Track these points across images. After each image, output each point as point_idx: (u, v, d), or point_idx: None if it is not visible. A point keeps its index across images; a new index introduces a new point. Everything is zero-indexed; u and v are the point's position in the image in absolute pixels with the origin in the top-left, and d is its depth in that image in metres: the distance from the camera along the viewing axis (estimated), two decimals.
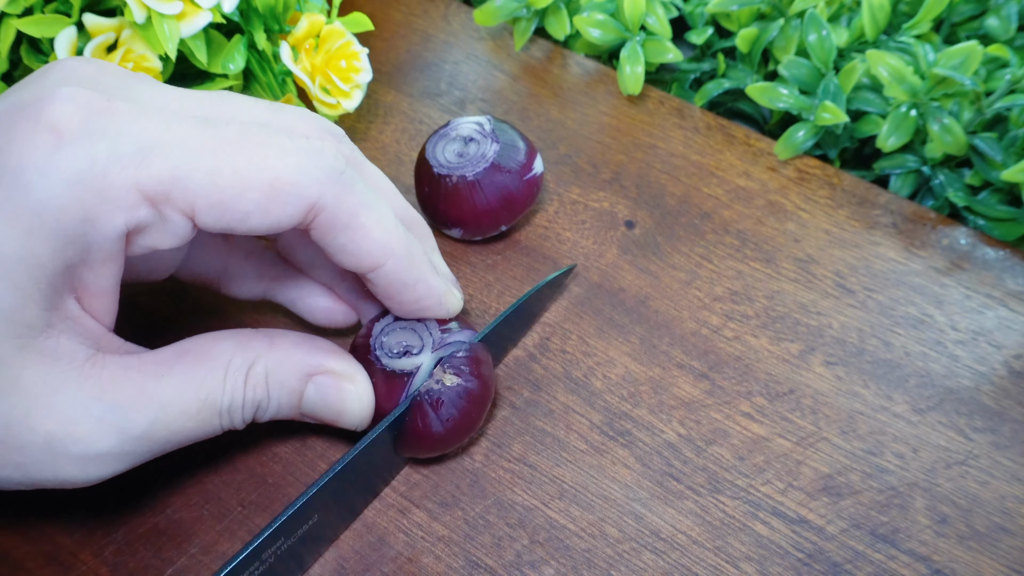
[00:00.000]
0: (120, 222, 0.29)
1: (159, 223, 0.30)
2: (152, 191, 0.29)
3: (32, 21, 0.38)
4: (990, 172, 0.46)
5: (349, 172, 0.32)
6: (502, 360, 0.41)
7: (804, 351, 0.42)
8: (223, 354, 0.33)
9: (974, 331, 0.42)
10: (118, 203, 0.29)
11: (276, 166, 0.30)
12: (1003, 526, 0.37)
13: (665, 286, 0.44)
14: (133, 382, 0.31)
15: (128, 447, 0.31)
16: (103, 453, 0.30)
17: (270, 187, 0.30)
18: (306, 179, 0.31)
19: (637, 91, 0.51)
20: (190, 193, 0.29)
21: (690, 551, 0.36)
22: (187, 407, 0.32)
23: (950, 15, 0.53)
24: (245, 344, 0.34)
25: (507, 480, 0.38)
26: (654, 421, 0.40)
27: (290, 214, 0.31)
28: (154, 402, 0.31)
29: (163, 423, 0.31)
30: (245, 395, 0.33)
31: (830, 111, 0.47)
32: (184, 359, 0.33)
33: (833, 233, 0.46)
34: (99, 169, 0.28)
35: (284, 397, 0.34)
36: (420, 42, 0.56)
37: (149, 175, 0.29)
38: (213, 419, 0.33)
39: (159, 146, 0.29)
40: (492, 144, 0.43)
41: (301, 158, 0.31)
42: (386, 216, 0.33)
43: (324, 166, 0.31)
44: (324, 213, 0.32)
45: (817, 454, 0.39)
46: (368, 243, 0.33)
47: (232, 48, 0.42)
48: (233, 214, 0.30)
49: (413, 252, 0.34)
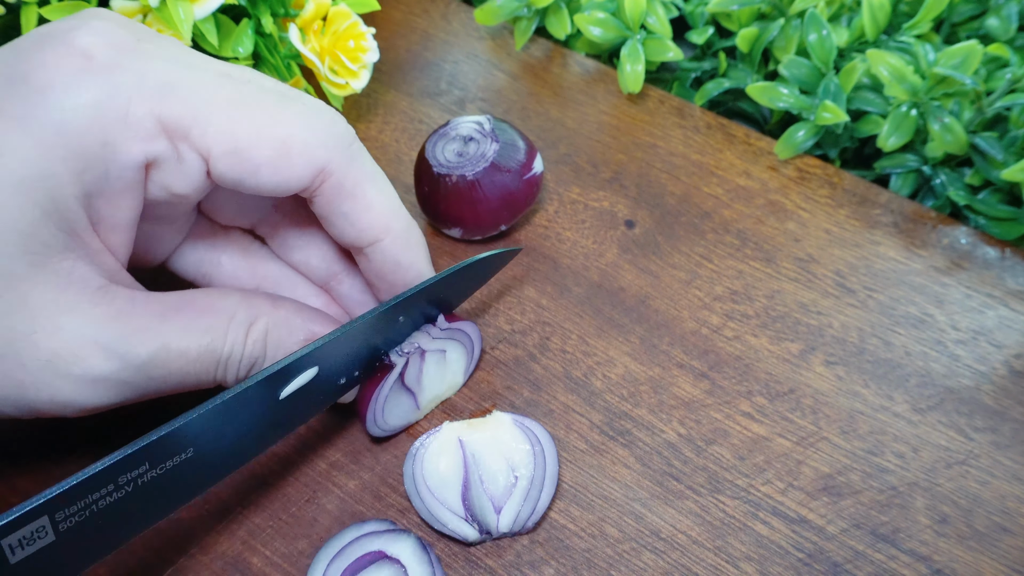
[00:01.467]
0: (139, 151, 0.30)
1: (175, 161, 0.31)
2: (172, 124, 0.30)
3: (54, 8, 0.39)
4: (990, 171, 0.46)
5: (358, 145, 0.34)
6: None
7: (804, 351, 0.42)
8: (228, 307, 0.34)
9: (975, 330, 0.42)
10: (138, 131, 0.30)
11: (291, 124, 0.32)
12: (1003, 526, 0.36)
13: (665, 286, 0.44)
14: (140, 315, 0.32)
15: (126, 375, 0.31)
16: (102, 377, 0.31)
17: (283, 144, 0.31)
18: (317, 141, 0.32)
19: (637, 89, 0.51)
20: (208, 136, 0.31)
21: (690, 551, 0.36)
22: (188, 350, 0.32)
23: (950, 15, 0.53)
24: (250, 301, 0.35)
25: None
26: (654, 421, 0.40)
27: (299, 175, 0.32)
28: (158, 338, 0.32)
29: (162, 360, 0.32)
30: (245, 349, 0.34)
31: (830, 111, 0.47)
32: (192, 306, 0.33)
33: (833, 232, 0.46)
34: (123, 97, 0.29)
35: (279, 357, 0.35)
36: (420, 41, 0.56)
37: (171, 109, 0.30)
38: (211, 367, 0.33)
39: (183, 86, 0.31)
40: (492, 143, 0.43)
41: (314, 122, 0.32)
42: (389, 192, 0.35)
43: (335, 133, 0.33)
44: (332, 179, 0.33)
45: (817, 454, 0.39)
46: (370, 215, 0.34)
47: (241, 32, 0.43)
48: (245, 164, 0.31)
49: (412, 233, 0.35)
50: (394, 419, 0.38)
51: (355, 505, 0.37)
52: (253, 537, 0.36)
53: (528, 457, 0.37)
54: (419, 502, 0.36)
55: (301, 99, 0.34)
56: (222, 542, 0.36)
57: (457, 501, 0.35)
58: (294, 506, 0.37)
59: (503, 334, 0.42)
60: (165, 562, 0.36)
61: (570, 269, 0.45)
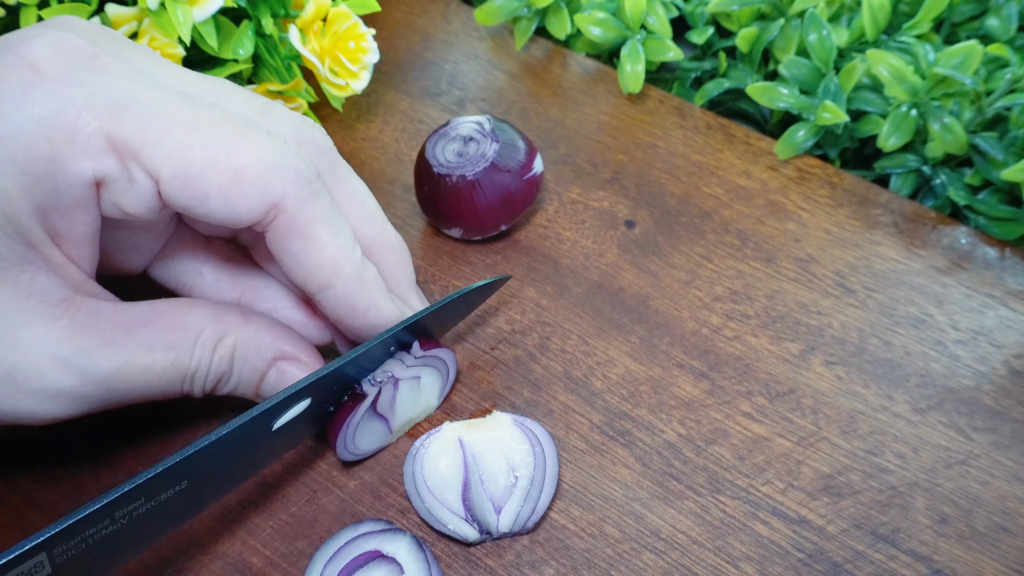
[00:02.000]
0: (87, 168, 0.29)
1: (125, 180, 0.30)
2: (121, 144, 0.29)
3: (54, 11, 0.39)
4: (991, 171, 0.46)
5: (317, 184, 0.32)
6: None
7: (804, 351, 0.42)
8: (196, 323, 0.33)
9: (975, 331, 0.42)
10: (86, 148, 0.29)
11: (248, 154, 0.31)
12: (1003, 526, 0.36)
13: (665, 286, 0.44)
14: (104, 330, 0.31)
15: (88, 390, 0.31)
16: (63, 391, 0.30)
17: (235, 174, 0.30)
18: (272, 176, 0.31)
19: (637, 89, 0.51)
20: (157, 157, 0.30)
21: (690, 551, 0.36)
22: (153, 364, 0.32)
23: (950, 15, 0.53)
24: (220, 317, 0.34)
25: None
26: (654, 421, 0.40)
27: (250, 208, 0.31)
28: (121, 353, 0.31)
29: (126, 375, 0.31)
30: (211, 365, 0.34)
31: (830, 111, 0.47)
32: (158, 320, 0.33)
33: (833, 232, 0.46)
34: (72, 113, 0.29)
35: (246, 375, 0.35)
36: (420, 41, 0.56)
37: (121, 129, 0.29)
38: (176, 382, 0.33)
39: (136, 104, 0.29)
40: (492, 143, 0.43)
41: (273, 155, 0.31)
42: (343, 235, 0.33)
43: (294, 168, 0.32)
44: (283, 216, 0.32)
45: (817, 454, 0.39)
46: (319, 258, 0.33)
47: (241, 34, 0.43)
48: (194, 191, 0.30)
49: (365, 277, 0.34)
50: (365, 444, 0.37)
51: (355, 505, 0.37)
52: (253, 537, 0.36)
53: (528, 457, 0.37)
54: (419, 502, 0.36)
55: (267, 128, 0.32)
56: (222, 542, 0.36)
57: (457, 501, 0.35)
58: (294, 506, 0.37)
59: (503, 334, 0.42)
60: (165, 562, 0.36)
61: (570, 269, 0.45)
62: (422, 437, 0.37)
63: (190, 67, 0.43)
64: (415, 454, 0.36)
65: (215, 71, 0.43)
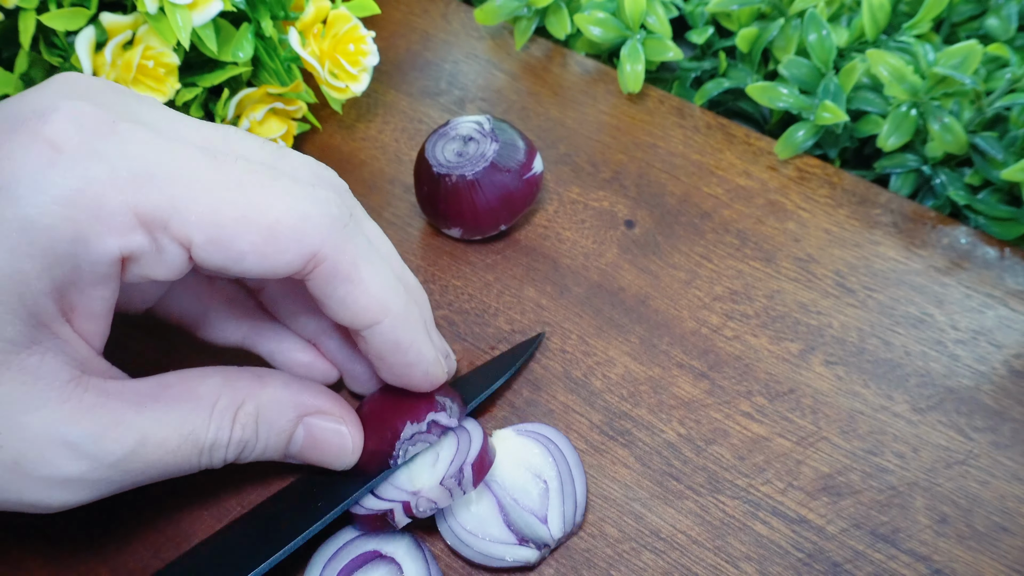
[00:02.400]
0: (113, 245, 0.28)
1: (154, 252, 0.29)
2: (149, 217, 0.28)
3: (54, 15, 0.39)
4: (990, 171, 0.46)
5: (353, 225, 0.31)
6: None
7: (804, 350, 0.42)
8: (210, 392, 0.32)
9: (974, 330, 0.42)
10: (112, 225, 0.28)
11: (279, 209, 0.29)
12: (1003, 526, 0.36)
13: (665, 286, 0.44)
14: (113, 410, 0.30)
15: (99, 475, 0.30)
16: (71, 478, 0.29)
17: (270, 230, 0.29)
18: (309, 226, 0.30)
19: (637, 89, 0.51)
20: (188, 225, 0.29)
21: (690, 551, 0.36)
22: (167, 441, 0.31)
23: (950, 15, 0.53)
24: (233, 383, 0.33)
25: None
26: (654, 421, 0.40)
27: (289, 261, 0.30)
28: (132, 433, 0.30)
29: (139, 455, 0.30)
30: (232, 435, 0.32)
31: (830, 111, 0.47)
32: (168, 392, 0.32)
33: (833, 232, 0.46)
34: (95, 189, 0.27)
35: (273, 438, 0.34)
36: (420, 41, 0.56)
37: (147, 200, 0.28)
38: (193, 456, 0.32)
39: (161, 173, 0.28)
40: (491, 143, 0.43)
41: (306, 204, 0.30)
42: (386, 272, 0.33)
43: (328, 214, 0.30)
44: (325, 263, 0.31)
45: (817, 454, 0.39)
46: (367, 298, 0.32)
47: (240, 36, 0.42)
48: (229, 252, 0.29)
49: (411, 313, 0.33)
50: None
51: None
52: None
53: (547, 459, 0.36)
54: (469, 551, 0.35)
55: (292, 174, 0.32)
56: None
57: (503, 530, 0.35)
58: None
59: (503, 334, 0.42)
60: (165, 562, 0.36)
61: (570, 269, 0.45)
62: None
63: (188, 71, 0.43)
64: (443, 509, 0.35)
65: (215, 74, 0.43)
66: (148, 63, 0.40)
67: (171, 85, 0.41)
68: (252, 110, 0.44)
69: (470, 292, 0.44)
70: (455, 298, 0.44)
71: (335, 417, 0.35)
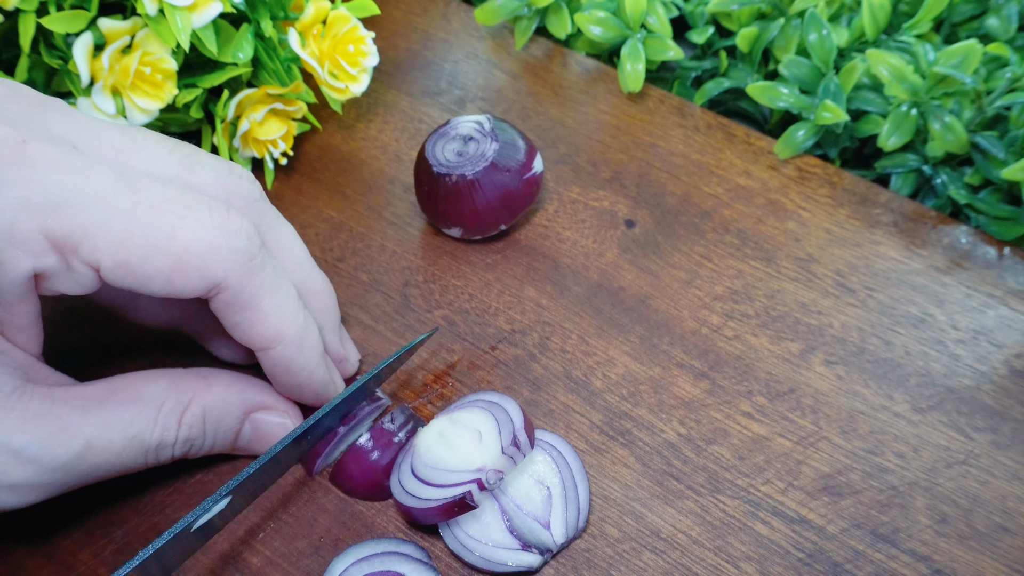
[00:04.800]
0: (27, 266, 0.29)
1: (65, 271, 0.30)
2: (60, 241, 0.29)
3: (54, 18, 0.39)
4: (991, 170, 0.46)
5: (261, 257, 0.32)
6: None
7: (804, 350, 0.42)
8: (156, 395, 0.34)
9: (975, 330, 0.42)
10: (25, 248, 0.29)
11: (187, 239, 0.30)
12: (1004, 525, 0.36)
13: (665, 285, 0.44)
14: (58, 416, 0.31)
15: (45, 478, 0.31)
16: (17, 483, 0.30)
17: (177, 259, 0.30)
18: (214, 258, 0.31)
19: (638, 88, 0.51)
20: (97, 251, 0.29)
21: (690, 551, 0.36)
22: (111, 444, 0.32)
23: (950, 15, 0.53)
24: (180, 385, 0.34)
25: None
26: (654, 420, 0.39)
27: (193, 287, 0.31)
28: (77, 438, 0.31)
29: (85, 458, 0.31)
30: (178, 434, 0.34)
31: (830, 110, 0.47)
32: (114, 397, 0.33)
33: (834, 232, 0.46)
34: (8, 216, 0.28)
35: (220, 435, 0.35)
36: (420, 41, 0.56)
37: (59, 225, 0.29)
38: (139, 456, 0.33)
39: (73, 198, 0.29)
40: (492, 143, 0.43)
41: (215, 235, 0.31)
42: (286, 302, 0.34)
43: (236, 248, 0.31)
44: (226, 292, 0.32)
45: (817, 454, 0.39)
46: (262, 326, 0.33)
47: (240, 37, 0.42)
48: (136, 276, 0.30)
49: (305, 340, 0.35)
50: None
51: (355, 505, 0.37)
52: (253, 537, 0.36)
53: (550, 465, 0.37)
54: (472, 556, 0.35)
55: (204, 187, 0.32)
56: (222, 542, 0.36)
57: (506, 536, 0.35)
58: (294, 506, 0.37)
59: (503, 334, 0.42)
60: None
61: (570, 269, 0.45)
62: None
63: (188, 72, 0.43)
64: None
65: (215, 75, 0.43)
66: (146, 69, 0.40)
67: (168, 90, 0.41)
68: (252, 110, 0.44)
69: (470, 292, 0.44)
70: (455, 298, 0.44)
71: (280, 412, 0.37)
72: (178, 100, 0.42)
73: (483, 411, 0.37)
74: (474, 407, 0.37)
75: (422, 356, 0.42)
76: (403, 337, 0.42)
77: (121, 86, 0.40)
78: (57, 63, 0.41)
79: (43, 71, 0.42)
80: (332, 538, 0.36)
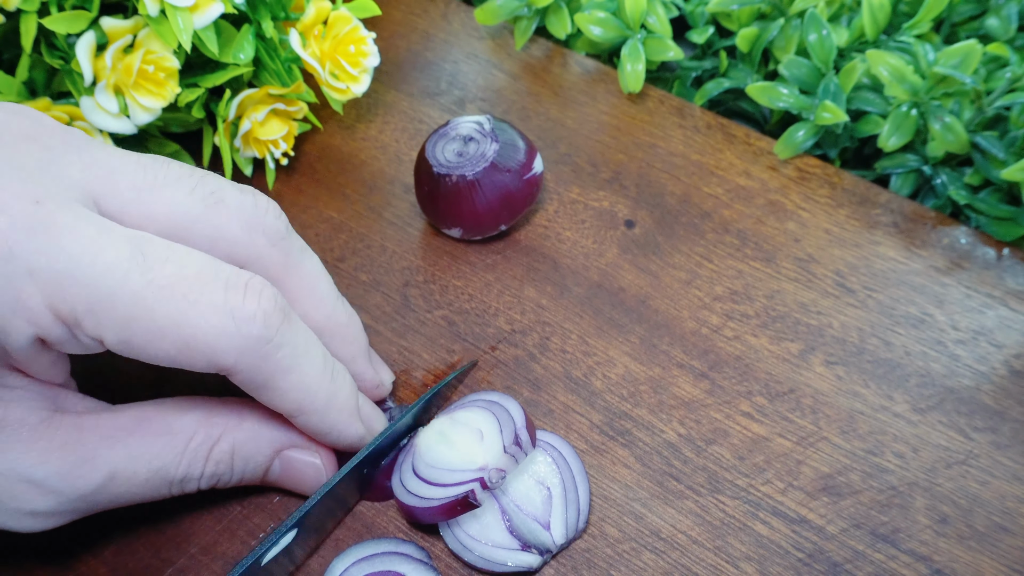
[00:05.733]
0: (29, 332, 0.29)
1: (71, 339, 0.30)
2: (65, 315, 0.29)
3: (55, 18, 0.39)
4: (991, 171, 0.46)
5: (276, 341, 0.31)
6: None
7: (804, 351, 0.42)
8: (185, 429, 0.33)
9: (975, 330, 0.42)
10: (30, 318, 0.28)
11: (197, 325, 0.29)
12: (1003, 526, 0.36)
13: (665, 286, 0.44)
14: (85, 446, 0.31)
15: (67, 507, 0.31)
16: (38, 512, 0.31)
17: (185, 344, 0.30)
18: (224, 345, 0.30)
19: (638, 89, 0.51)
20: (102, 328, 0.29)
21: (690, 551, 0.36)
22: (135, 475, 0.32)
23: (950, 15, 0.53)
24: (211, 419, 0.34)
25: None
26: (654, 421, 0.40)
27: (201, 368, 0.31)
28: (102, 469, 0.31)
29: (108, 489, 0.32)
30: (205, 469, 0.34)
31: (830, 111, 0.47)
32: (143, 427, 0.33)
33: (833, 232, 0.46)
34: (15, 284, 0.28)
35: (249, 471, 0.35)
36: (420, 41, 0.56)
37: (65, 301, 0.28)
38: (162, 488, 0.33)
39: (81, 273, 0.28)
40: (492, 143, 0.43)
41: (226, 322, 0.30)
42: (306, 378, 0.33)
43: (248, 335, 0.30)
44: (239, 376, 0.31)
45: (817, 454, 0.39)
46: (280, 402, 0.33)
47: (241, 38, 0.42)
48: (140, 355, 0.30)
49: (331, 406, 0.34)
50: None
51: (355, 505, 0.37)
52: (253, 537, 0.36)
53: (549, 465, 0.37)
54: (471, 555, 0.35)
55: (224, 286, 0.30)
56: (222, 542, 0.36)
57: (505, 535, 0.35)
58: (294, 506, 0.37)
59: (503, 334, 0.42)
60: (165, 562, 0.36)
61: (570, 269, 0.45)
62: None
63: (189, 71, 0.43)
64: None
65: (216, 75, 0.43)
66: (148, 67, 0.40)
67: (171, 89, 0.41)
68: (253, 111, 0.45)
69: (470, 292, 0.44)
70: (455, 298, 0.44)
71: (311, 451, 0.36)
72: (180, 99, 0.43)
73: (484, 411, 0.37)
74: (475, 407, 0.37)
75: (422, 356, 0.42)
76: (403, 337, 0.42)
77: (124, 85, 0.40)
78: (58, 63, 0.41)
79: (44, 71, 0.42)
80: (332, 538, 0.36)
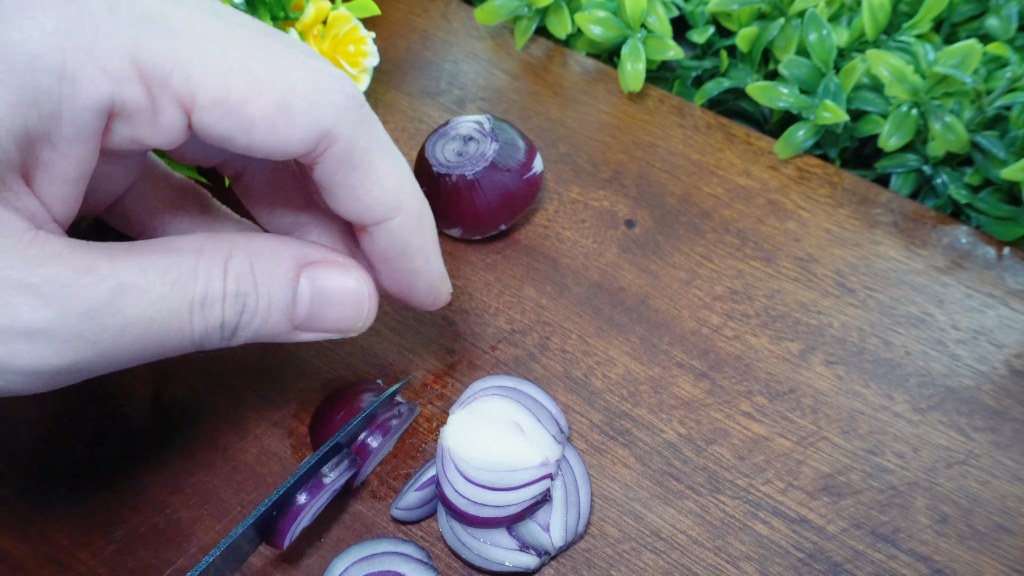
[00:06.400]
0: (104, 90, 0.24)
1: (149, 111, 0.25)
2: (148, 67, 0.24)
3: None
4: (991, 170, 0.46)
5: (368, 109, 0.28)
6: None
7: (804, 350, 0.42)
8: (190, 245, 0.28)
9: (975, 330, 0.42)
10: (107, 68, 0.24)
11: (294, 77, 0.26)
12: (1004, 525, 0.36)
13: (665, 285, 0.44)
14: (82, 258, 0.25)
15: (70, 326, 0.24)
16: (35, 329, 0.24)
17: (283, 99, 0.26)
18: (324, 101, 0.26)
19: (638, 88, 0.51)
20: (192, 81, 0.25)
21: (690, 551, 0.36)
22: (150, 288, 0.26)
23: (950, 15, 0.53)
24: (217, 236, 0.29)
25: None
26: (654, 420, 0.40)
27: (300, 137, 0.26)
28: (109, 279, 0.25)
29: (118, 306, 0.25)
30: (226, 285, 0.28)
31: (830, 110, 0.47)
32: (145, 247, 0.27)
33: (833, 232, 0.46)
34: (90, 25, 0.24)
35: (276, 293, 0.29)
36: (420, 41, 0.56)
37: (148, 46, 0.24)
38: (183, 311, 0.27)
39: (164, 21, 0.24)
40: (492, 143, 0.43)
41: (320, 77, 0.27)
42: (403, 166, 0.29)
43: (344, 92, 0.27)
44: (338, 145, 0.27)
45: (817, 453, 0.39)
46: (380, 190, 0.29)
47: None
48: (236, 120, 0.26)
49: (425, 215, 0.30)
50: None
51: (354, 504, 0.37)
52: None
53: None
54: (470, 553, 0.35)
55: (304, 49, 0.27)
56: None
57: (505, 536, 0.35)
58: None
59: (503, 334, 0.42)
60: (165, 562, 0.36)
61: (570, 269, 0.45)
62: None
63: None
64: (445, 511, 0.36)
65: None
66: None
67: None
68: None
69: (470, 292, 0.44)
70: (455, 298, 0.44)
71: (340, 267, 0.30)
72: None
73: (505, 399, 0.37)
74: (492, 396, 0.37)
75: (422, 356, 0.42)
76: (403, 337, 0.42)
77: None
78: None
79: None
80: (332, 538, 0.36)
